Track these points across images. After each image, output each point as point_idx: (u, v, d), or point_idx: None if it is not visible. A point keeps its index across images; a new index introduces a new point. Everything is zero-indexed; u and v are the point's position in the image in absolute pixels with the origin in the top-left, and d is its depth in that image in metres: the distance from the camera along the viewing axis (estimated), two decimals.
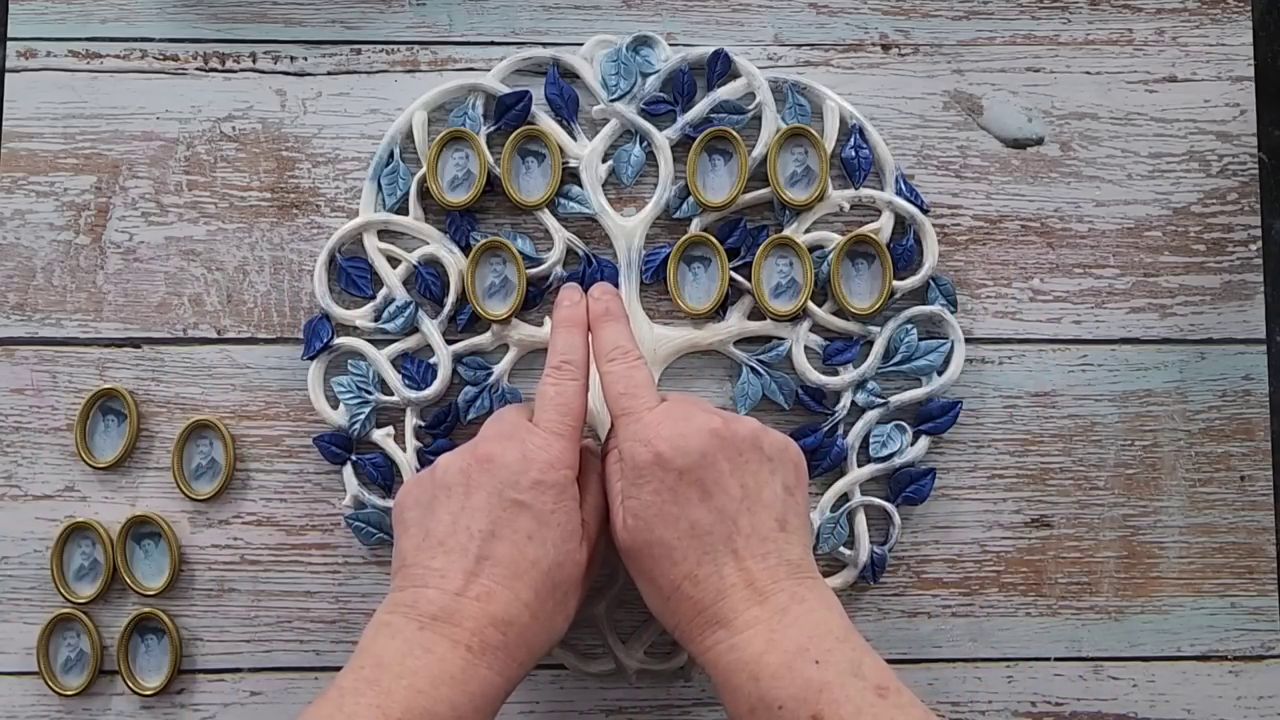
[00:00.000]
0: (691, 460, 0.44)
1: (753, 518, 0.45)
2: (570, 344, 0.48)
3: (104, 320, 0.55)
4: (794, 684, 0.41)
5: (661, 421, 0.45)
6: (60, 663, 0.54)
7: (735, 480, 0.45)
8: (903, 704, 0.41)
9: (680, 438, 0.45)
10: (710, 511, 0.44)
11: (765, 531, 0.45)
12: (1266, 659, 0.56)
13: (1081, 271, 0.57)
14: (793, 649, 0.42)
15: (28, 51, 0.56)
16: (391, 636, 0.43)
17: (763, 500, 0.45)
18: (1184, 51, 0.58)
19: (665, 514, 0.44)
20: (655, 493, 0.45)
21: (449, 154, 0.55)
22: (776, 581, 0.44)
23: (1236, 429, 0.57)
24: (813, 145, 0.55)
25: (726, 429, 0.45)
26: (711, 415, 0.46)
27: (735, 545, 0.44)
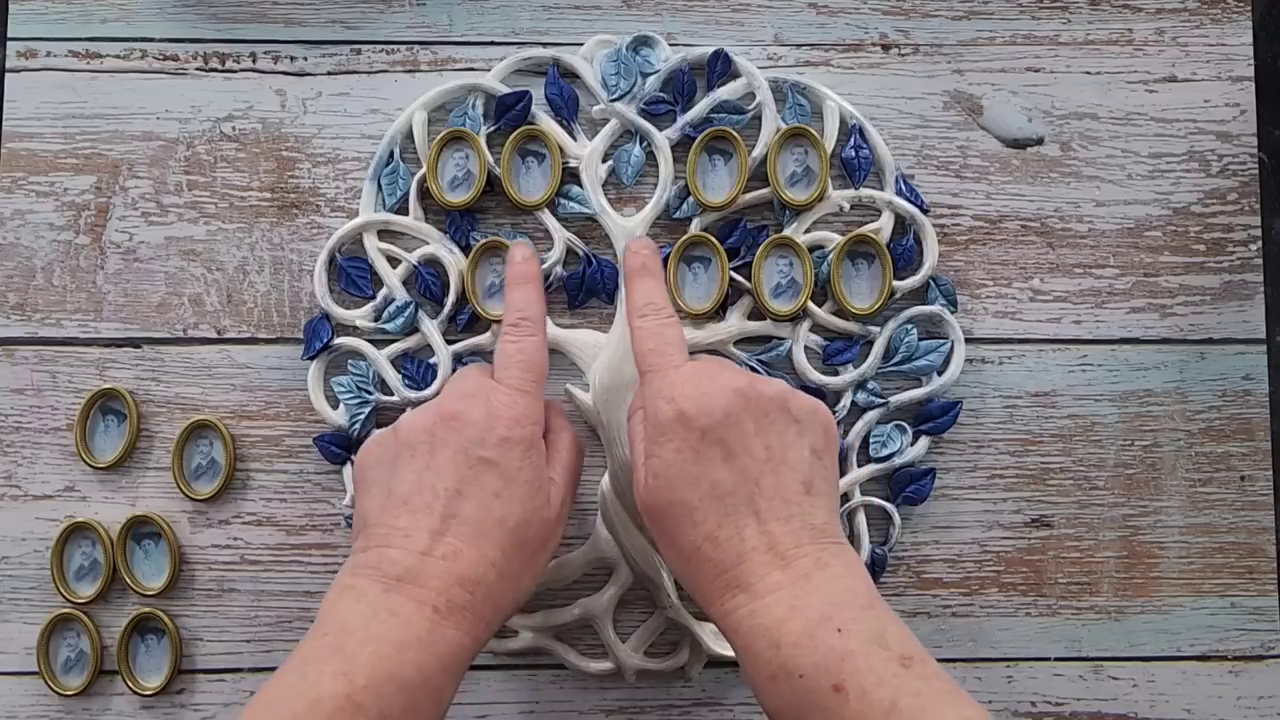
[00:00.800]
0: (715, 419, 0.43)
1: (777, 479, 0.43)
2: (526, 299, 0.48)
3: (104, 320, 0.55)
4: (816, 652, 0.40)
5: (687, 379, 0.44)
6: (60, 663, 0.54)
7: (760, 441, 0.44)
8: (927, 674, 0.40)
9: (704, 396, 0.44)
10: (733, 472, 0.43)
11: (790, 494, 0.43)
12: (1266, 659, 0.56)
13: (1081, 271, 0.57)
14: (815, 616, 0.41)
15: (28, 51, 0.56)
16: (355, 600, 0.42)
17: (788, 462, 0.44)
18: (1184, 51, 0.58)
19: (686, 473, 0.43)
20: (677, 451, 0.43)
21: (449, 154, 0.55)
22: (800, 546, 0.43)
23: (1236, 429, 0.57)
24: (813, 145, 0.55)
25: (752, 389, 0.44)
26: (738, 374, 0.45)
27: (758, 507, 0.43)
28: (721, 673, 0.55)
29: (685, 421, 0.43)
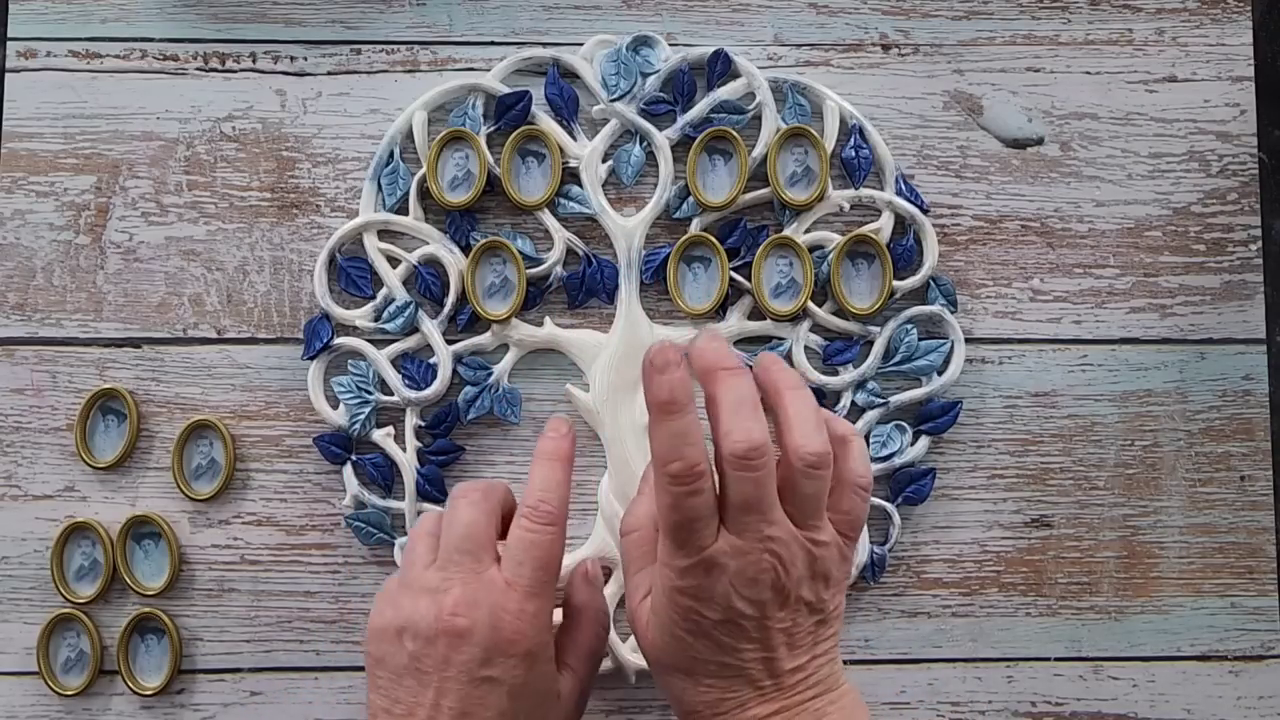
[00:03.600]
0: (727, 614, 0.41)
1: (791, 660, 0.42)
2: (551, 481, 0.45)
3: (104, 320, 0.55)
4: None
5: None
6: (60, 663, 0.54)
7: (779, 628, 0.42)
8: None
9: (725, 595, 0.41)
10: (741, 658, 0.41)
11: (799, 666, 0.42)
12: (1266, 659, 0.56)
13: (1081, 271, 0.57)
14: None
15: (28, 51, 0.56)
16: None
17: (800, 644, 0.42)
18: (1184, 51, 0.58)
19: (697, 646, 0.42)
20: (694, 622, 0.41)
21: (449, 154, 0.55)
22: (803, 704, 0.42)
23: (1236, 429, 0.57)
24: (813, 145, 0.55)
25: (781, 578, 0.41)
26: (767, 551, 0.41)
27: (764, 684, 0.42)
28: None
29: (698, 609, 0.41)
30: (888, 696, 0.55)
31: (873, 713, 0.55)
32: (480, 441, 0.56)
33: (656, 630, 0.43)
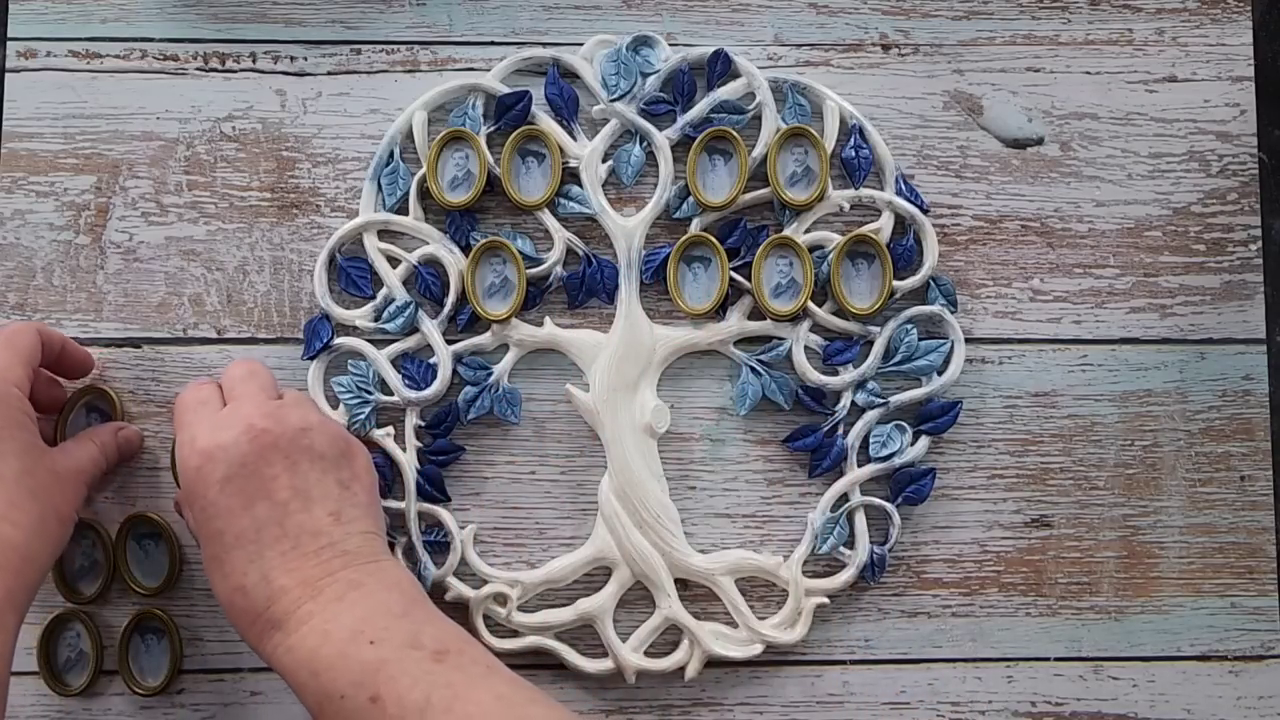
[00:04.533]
0: (232, 468, 0.44)
1: (305, 516, 0.44)
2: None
3: (104, 320, 0.55)
4: (350, 670, 0.41)
5: (206, 425, 0.45)
6: (60, 663, 0.54)
7: (285, 482, 0.44)
8: (463, 664, 0.41)
9: (220, 448, 0.44)
10: (254, 519, 0.44)
11: (318, 527, 0.44)
12: (1266, 659, 0.56)
13: (1081, 271, 0.57)
14: (346, 635, 0.42)
15: (28, 51, 0.56)
16: None
17: (313, 498, 0.45)
18: (1184, 51, 0.58)
19: (210, 528, 0.44)
20: (201, 510, 0.44)
21: (449, 154, 0.55)
22: (332, 574, 0.43)
23: (1236, 429, 0.57)
24: (813, 145, 0.55)
25: (269, 431, 0.45)
26: (256, 409, 0.45)
27: (283, 548, 0.44)
28: (721, 673, 0.55)
29: (203, 477, 0.44)
30: (888, 696, 0.55)
31: (873, 713, 0.55)
32: (480, 441, 0.56)
33: (194, 534, 0.46)
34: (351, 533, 0.45)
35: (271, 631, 0.43)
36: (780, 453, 0.56)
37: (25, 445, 0.46)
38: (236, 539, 0.44)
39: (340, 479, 0.46)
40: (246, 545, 0.44)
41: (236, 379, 0.48)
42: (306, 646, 0.42)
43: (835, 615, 0.55)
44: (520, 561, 0.55)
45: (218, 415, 0.46)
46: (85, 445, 0.50)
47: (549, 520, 0.55)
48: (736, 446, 0.56)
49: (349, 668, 0.41)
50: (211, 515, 0.44)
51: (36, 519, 0.45)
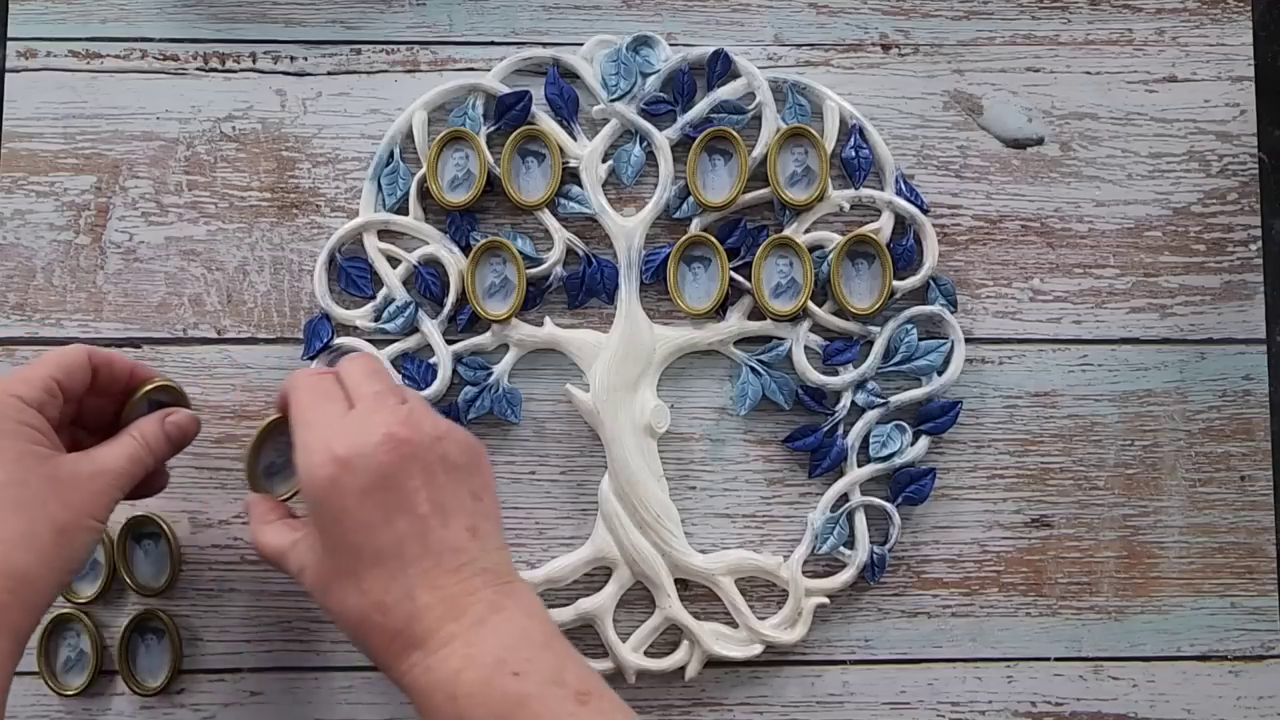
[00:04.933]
0: (371, 479, 0.42)
1: (444, 531, 0.42)
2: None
3: (104, 320, 0.55)
4: (492, 699, 0.40)
5: (343, 429, 0.43)
6: (60, 663, 0.54)
7: (423, 495, 0.42)
8: (604, 709, 0.40)
9: (359, 455, 0.42)
10: (395, 534, 0.42)
11: (457, 543, 0.43)
12: (1266, 659, 0.56)
13: (1081, 271, 0.57)
14: (490, 662, 0.40)
15: (28, 51, 0.56)
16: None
17: (450, 510, 0.43)
18: (1184, 51, 0.58)
19: (346, 544, 0.42)
20: (335, 521, 0.42)
21: (449, 154, 0.55)
22: (473, 593, 0.42)
23: (1236, 429, 0.57)
24: (813, 145, 0.55)
25: (407, 438, 0.43)
26: (392, 416, 0.43)
27: (425, 565, 0.42)
28: (721, 673, 0.55)
29: (339, 487, 0.42)
30: (888, 696, 0.55)
31: (873, 713, 0.55)
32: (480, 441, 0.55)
33: (309, 551, 0.44)
34: (488, 549, 0.43)
35: (410, 650, 0.42)
36: (780, 453, 0.56)
37: (17, 454, 0.43)
38: (376, 554, 0.42)
39: (473, 490, 0.44)
40: (388, 561, 0.42)
41: (360, 377, 0.46)
42: (448, 668, 0.41)
43: (835, 615, 0.55)
44: (520, 561, 0.55)
45: (351, 419, 0.44)
46: (120, 443, 0.47)
47: (549, 520, 0.55)
48: (736, 446, 0.56)
49: (491, 697, 0.40)
50: (348, 529, 0.42)
51: (22, 532, 0.43)
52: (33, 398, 0.45)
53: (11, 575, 0.42)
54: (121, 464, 0.46)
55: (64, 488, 0.44)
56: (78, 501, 0.44)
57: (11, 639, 0.42)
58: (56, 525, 0.44)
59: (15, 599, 0.42)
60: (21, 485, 0.43)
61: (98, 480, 0.45)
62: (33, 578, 0.43)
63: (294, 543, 0.46)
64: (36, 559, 0.43)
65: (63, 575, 0.44)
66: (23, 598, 0.42)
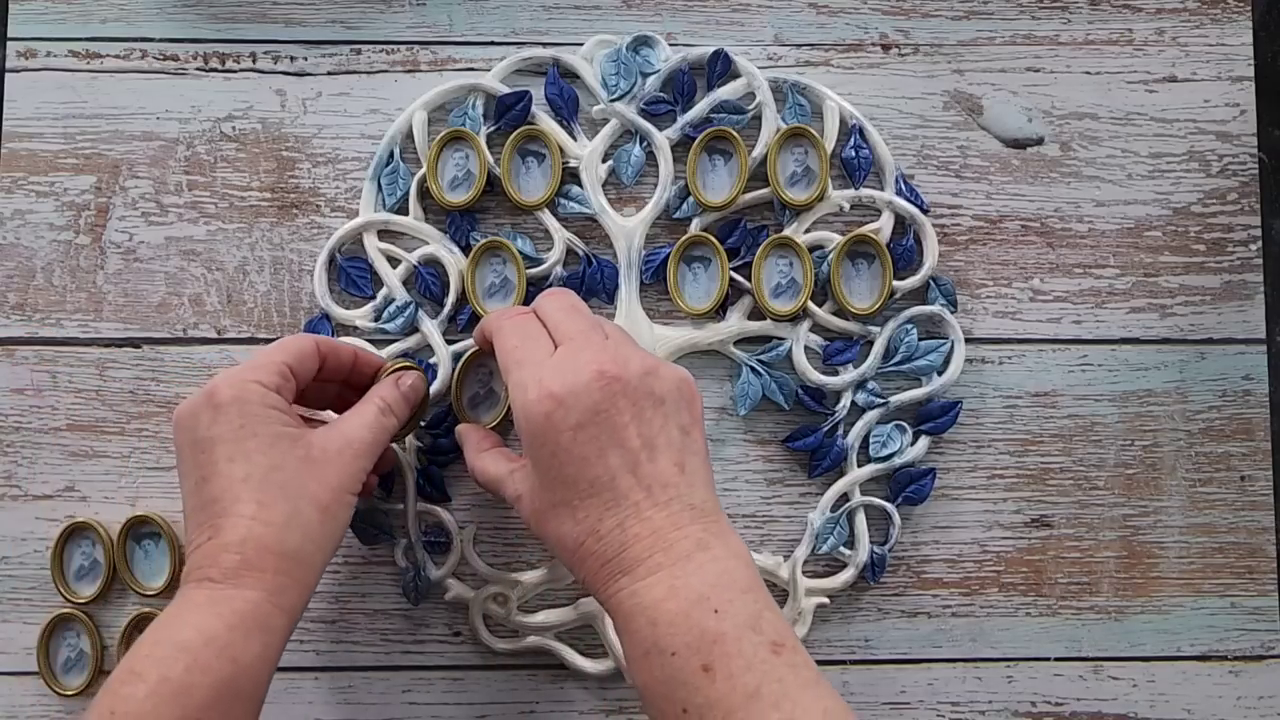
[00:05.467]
0: (585, 415, 0.43)
1: (653, 466, 0.44)
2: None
3: (104, 320, 0.55)
4: (690, 632, 0.41)
5: (553, 367, 0.45)
6: (60, 663, 0.54)
7: (633, 430, 0.44)
8: (795, 663, 0.41)
9: (571, 393, 0.44)
10: (608, 466, 0.43)
11: (666, 478, 0.44)
12: (1266, 659, 0.56)
13: (1081, 271, 0.57)
14: (693, 597, 0.42)
15: (28, 51, 0.56)
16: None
17: (659, 446, 0.44)
18: (1184, 51, 0.58)
19: (564, 475, 0.44)
20: (553, 455, 0.44)
21: (449, 154, 0.55)
22: (680, 528, 0.43)
23: (1236, 429, 0.57)
24: (813, 145, 0.55)
25: (616, 374, 0.44)
26: (600, 353, 0.45)
27: (636, 497, 0.43)
28: None
29: (554, 423, 0.44)
30: (888, 696, 0.55)
31: (873, 713, 0.55)
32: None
33: (525, 480, 0.46)
34: (695, 485, 0.44)
35: (619, 576, 0.43)
36: (780, 453, 0.56)
37: (271, 439, 0.45)
38: (591, 485, 0.43)
39: (681, 425, 0.45)
40: (602, 493, 0.43)
41: (562, 314, 0.47)
42: (652, 596, 0.42)
43: (835, 615, 0.55)
44: (520, 561, 0.55)
45: (561, 357, 0.45)
46: (360, 413, 0.48)
47: None
48: (736, 446, 0.56)
49: (689, 629, 0.41)
50: (564, 462, 0.44)
51: (289, 514, 0.44)
52: (271, 382, 0.46)
53: (286, 556, 0.44)
54: (366, 432, 0.48)
55: (319, 466, 0.46)
56: (334, 478, 0.46)
57: (289, 617, 0.44)
58: (319, 504, 0.45)
59: (291, 580, 0.44)
60: (280, 469, 0.45)
61: (346, 453, 0.47)
62: (304, 557, 0.45)
63: (511, 471, 0.47)
64: (304, 538, 0.45)
65: (328, 552, 0.46)
66: (296, 578, 0.44)
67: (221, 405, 0.45)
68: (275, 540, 0.44)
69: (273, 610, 0.43)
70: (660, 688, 0.41)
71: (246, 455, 0.45)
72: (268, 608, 0.43)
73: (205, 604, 0.43)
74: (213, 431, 0.45)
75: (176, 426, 0.46)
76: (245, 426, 0.45)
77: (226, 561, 0.43)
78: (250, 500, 0.44)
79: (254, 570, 0.43)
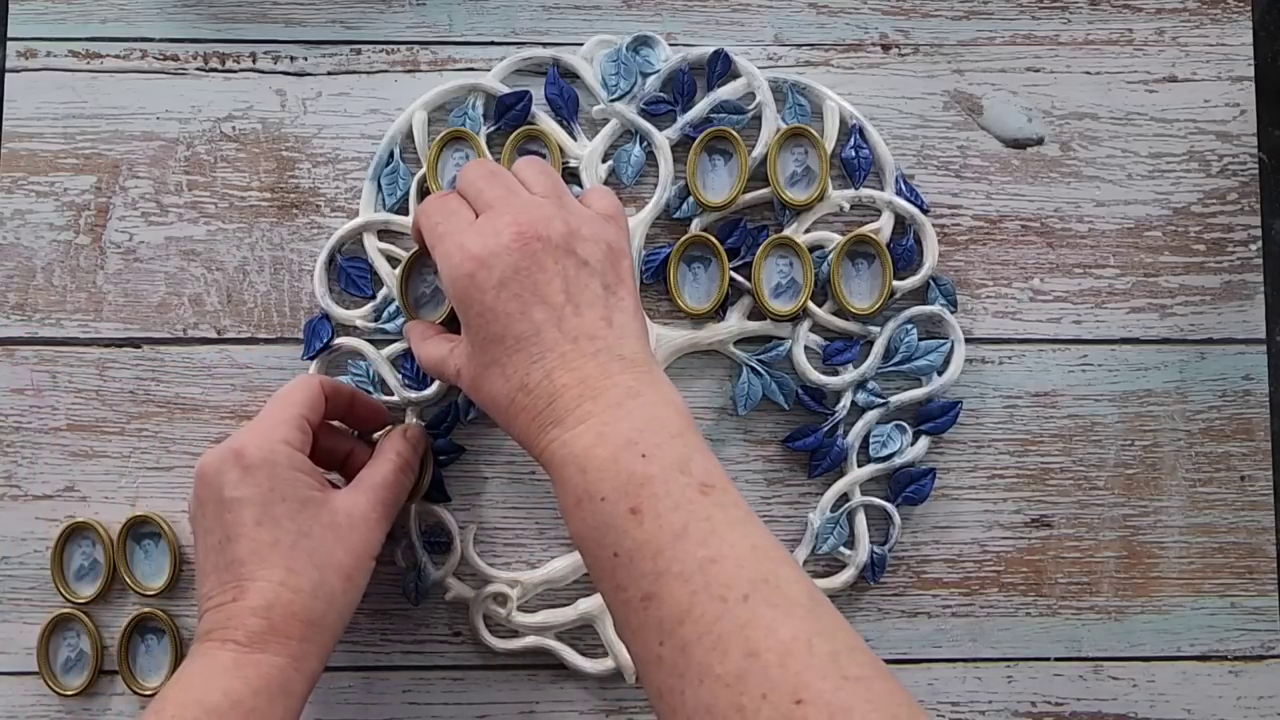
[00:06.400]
0: (505, 273, 0.44)
1: (579, 320, 0.44)
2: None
3: (104, 320, 0.55)
4: (618, 476, 0.41)
5: (471, 233, 0.45)
6: (60, 663, 0.54)
7: (556, 286, 0.44)
8: (724, 502, 0.41)
9: (491, 254, 0.44)
10: (532, 321, 0.44)
11: (593, 330, 0.44)
12: (1266, 659, 0.56)
13: (1081, 271, 0.57)
14: (621, 442, 0.42)
15: (28, 51, 0.56)
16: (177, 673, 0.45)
17: (584, 301, 0.44)
18: (1184, 51, 0.58)
19: (490, 333, 0.44)
20: (479, 316, 0.44)
21: (449, 154, 0.55)
22: (610, 377, 0.43)
23: (1236, 429, 0.57)
24: (813, 145, 0.55)
25: (535, 233, 0.44)
26: (520, 214, 0.45)
27: (563, 349, 0.44)
28: None
29: (478, 283, 0.44)
30: None
31: None
32: (480, 441, 0.56)
33: (463, 353, 0.46)
34: (625, 337, 0.45)
35: (549, 427, 0.43)
36: (780, 453, 0.56)
37: (300, 504, 0.46)
38: (517, 340, 0.44)
39: (605, 283, 0.45)
40: (529, 347, 0.44)
41: (482, 183, 0.47)
42: (581, 444, 0.42)
43: None
44: (520, 561, 0.55)
45: (482, 222, 0.45)
46: (379, 472, 0.49)
47: (549, 520, 0.55)
48: (736, 446, 0.56)
49: (617, 473, 0.41)
50: (489, 320, 0.44)
51: (316, 582, 0.45)
52: (296, 440, 0.47)
53: (311, 623, 0.45)
54: (388, 494, 0.49)
55: (345, 533, 0.47)
56: (360, 545, 0.47)
57: (309, 683, 0.45)
58: (344, 572, 0.46)
59: (314, 646, 0.45)
60: (309, 536, 0.46)
61: (371, 518, 0.48)
62: (327, 624, 0.46)
63: (451, 349, 0.48)
64: (329, 606, 0.45)
65: (347, 616, 0.47)
66: (318, 644, 0.45)
67: (250, 467, 0.45)
68: (303, 608, 0.45)
69: (295, 676, 0.44)
70: (592, 534, 0.41)
71: (275, 520, 0.45)
72: (291, 673, 0.44)
73: (231, 667, 0.43)
74: (240, 492, 0.45)
75: (200, 479, 0.46)
76: (275, 490, 0.45)
77: (253, 625, 0.44)
78: (278, 566, 0.45)
79: (280, 636, 0.44)
